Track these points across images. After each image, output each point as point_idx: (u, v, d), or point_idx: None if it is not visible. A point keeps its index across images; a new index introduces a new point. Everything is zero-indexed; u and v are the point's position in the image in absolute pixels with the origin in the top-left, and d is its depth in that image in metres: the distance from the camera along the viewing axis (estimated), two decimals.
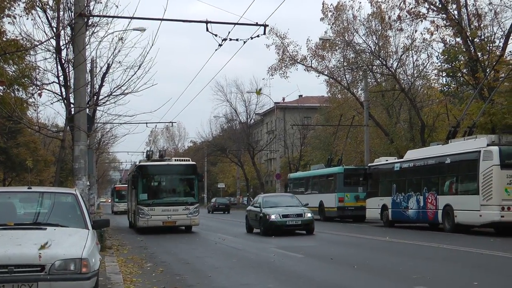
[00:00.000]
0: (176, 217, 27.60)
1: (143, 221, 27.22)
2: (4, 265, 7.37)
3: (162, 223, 27.33)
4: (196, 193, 29.30)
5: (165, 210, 27.42)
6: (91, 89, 23.20)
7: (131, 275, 12.80)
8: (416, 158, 28.62)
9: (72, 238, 8.44)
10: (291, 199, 28.16)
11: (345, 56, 45.31)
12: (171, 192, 29.75)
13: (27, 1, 20.61)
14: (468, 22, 32.96)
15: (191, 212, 27.73)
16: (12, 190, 11.87)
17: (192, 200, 28.43)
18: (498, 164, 22.06)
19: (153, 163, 29.70)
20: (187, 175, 29.42)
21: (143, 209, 27.26)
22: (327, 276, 12.73)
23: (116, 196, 65.08)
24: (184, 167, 29.79)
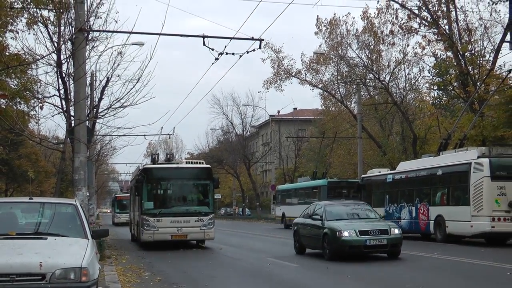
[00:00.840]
0: (187, 229, 22.73)
1: (148, 234, 22.49)
2: (6, 274, 7.36)
3: (170, 237, 22.69)
4: (211, 201, 24.34)
5: (175, 222, 22.65)
6: (91, 102, 23.21)
7: (129, 284, 12.80)
8: (408, 170, 28.66)
9: (72, 247, 8.43)
10: (365, 208, 20.43)
11: (339, 69, 45.45)
12: (182, 200, 24.34)
13: (29, 17, 20.68)
14: (459, 36, 33.13)
15: (205, 224, 22.90)
16: (14, 201, 11.87)
17: (206, 210, 23.54)
18: (488, 175, 22.11)
19: (160, 166, 24.72)
20: (201, 180, 24.37)
21: (148, 220, 22.47)
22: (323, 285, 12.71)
23: (117, 206, 57.87)
24: (197, 171, 24.72)
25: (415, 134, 41.69)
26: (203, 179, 24.15)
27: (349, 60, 44.13)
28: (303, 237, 19.86)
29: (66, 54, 20.06)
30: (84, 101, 17.93)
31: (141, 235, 23.12)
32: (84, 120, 17.69)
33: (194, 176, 24.48)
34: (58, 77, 20.14)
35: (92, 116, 21.90)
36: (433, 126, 43.87)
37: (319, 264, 16.84)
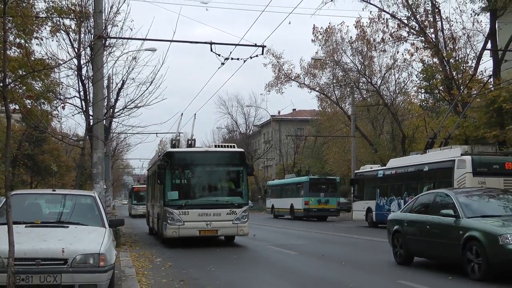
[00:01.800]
0: (218, 224, 18.33)
1: (172, 229, 18.08)
2: (32, 258, 7.41)
3: (198, 233, 18.31)
4: (245, 191, 19.61)
5: (203, 215, 18.25)
6: (107, 102, 23.21)
7: (142, 268, 12.84)
8: (397, 166, 28.68)
9: (91, 235, 8.50)
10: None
11: (334, 74, 45.46)
12: (211, 189, 19.67)
13: (53, 25, 20.71)
14: (444, 44, 33.10)
15: (239, 217, 18.57)
16: (39, 192, 11.91)
17: (239, 201, 19.03)
18: (470, 171, 22.13)
19: (186, 150, 20.30)
20: (233, 166, 19.78)
21: (172, 212, 18.03)
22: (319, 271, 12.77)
23: (135, 198, 51.52)
24: (228, 155, 19.87)
25: (404, 133, 41.67)
26: (236, 164, 19.64)
27: (343, 65, 44.13)
28: (414, 242, 12.91)
29: (85, 59, 20.09)
30: (102, 102, 17.97)
31: (163, 230, 18.55)
32: (102, 119, 17.74)
33: (225, 162, 19.82)
34: (78, 80, 20.17)
35: (109, 115, 21.92)
36: (421, 126, 43.85)
37: None
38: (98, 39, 17.20)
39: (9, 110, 7.49)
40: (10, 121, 7.41)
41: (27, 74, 19.35)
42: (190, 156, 19.54)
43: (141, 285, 10.16)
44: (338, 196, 43.04)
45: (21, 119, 37.14)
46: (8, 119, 7.21)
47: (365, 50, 42.53)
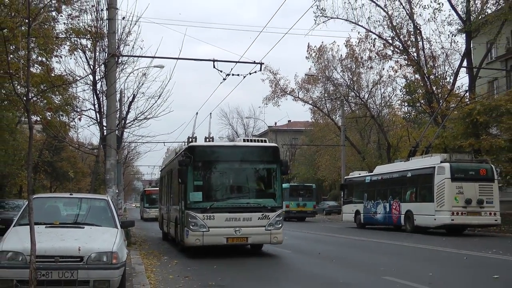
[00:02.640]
0: (248, 230, 14.48)
1: (195, 236, 14.27)
2: (52, 256, 7.42)
3: (225, 240, 14.45)
4: (279, 192, 15.41)
5: (231, 219, 14.48)
6: (120, 114, 23.21)
7: (151, 265, 12.79)
8: (383, 172, 28.73)
9: (104, 235, 8.50)
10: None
11: (326, 88, 45.67)
12: (241, 190, 15.71)
13: (71, 44, 20.78)
14: (425, 62, 33.27)
15: (272, 222, 14.70)
16: (57, 196, 11.92)
17: (272, 204, 15.06)
18: (449, 177, 22.21)
19: (213, 144, 16.59)
20: (265, 163, 15.71)
21: (195, 217, 14.31)
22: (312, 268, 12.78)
23: (147, 201, 46.32)
24: (260, 151, 15.70)
25: (389, 142, 41.82)
26: (268, 161, 15.59)
27: (334, 80, 44.33)
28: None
29: (100, 75, 20.10)
30: (114, 114, 17.95)
31: (184, 237, 14.67)
32: (114, 130, 17.72)
33: (257, 158, 15.74)
34: (93, 94, 20.19)
35: (120, 126, 21.92)
36: (404, 136, 43.96)
37: None
38: (112, 57, 17.23)
39: (31, 122, 7.53)
40: (32, 132, 7.46)
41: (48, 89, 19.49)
42: (216, 151, 15.54)
43: (150, 280, 10.15)
44: (314, 200, 43.92)
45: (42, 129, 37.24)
46: (30, 130, 7.26)
47: (354, 67, 42.77)
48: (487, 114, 26.89)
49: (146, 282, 9.77)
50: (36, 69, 21.96)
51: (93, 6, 19.33)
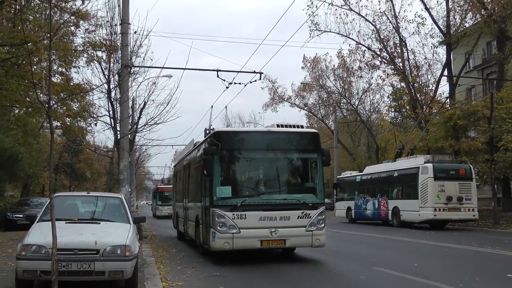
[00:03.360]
0: (286, 231, 11.44)
1: (224, 239, 11.22)
2: (71, 249, 7.45)
3: (259, 243, 11.38)
4: (320, 186, 12.11)
5: (266, 219, 11.39)
6: (132, 120, 23.22)
7: (161, 257, 12.82)
8: (372, 172, 28.74)
9: (118, 230, 8.50)
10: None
11: (320, 96, 45.77)
12: (277, 184, 12.32)
13: (88, 56, 20.84)
14: (409, 71, 33.35)
15: (314, 222, 11.66)
16: (76, 194, 11.96)
17: (313, 200, 11.88)
18: (432, 176, 22.23)
19: (244, 129, 14.63)
20: (305, 153, 12.36)
21: (224, 215, 11.23)
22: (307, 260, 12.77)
23: (159, 198, 42.27)
24: (299, 138, 12.42)
25: (377, 145, 41.85)
26: (308, 150, 12.24)
27: (327, 88, 44.41)
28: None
29: (114, 84, 20.12)
30: (127, 120, 17.98)
31: (210, 240, 11.46)
32: (127, 134, 17.75)
33: (294, 146, 12.28)
34: (108, 101, 20.20)
35: (133, 131, 21.89)
36: (391, 139, 43.97)
37: None
38: (125, 67, 17.28)
39: (52, 127, 7.56)
40: (53, 136, 7.49)
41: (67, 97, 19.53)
42: (247, 138, 12.24)
43: (159, 271, 10.16)
44: None
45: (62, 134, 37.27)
46: (51, 134, 7.30)
47: (345, 76, 42.86)
48: (466, 119, 26.94)
49: (156, 273, 9.79)
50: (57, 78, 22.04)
51: (108, 21, 19.42)
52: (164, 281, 8.97)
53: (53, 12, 19.37)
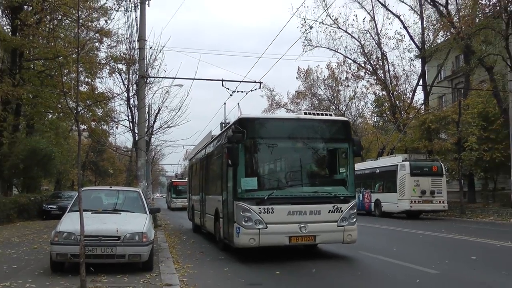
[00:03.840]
0: (316, 226, 9.38)
1: (249, 235, 9.11)
2: (96, 236, 7.54)
3: (288, 240, 9.28)
4: (351, 177, 9.92)
5: (295, 213, 9.28)
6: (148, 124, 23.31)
7: (173, 243, 12.88)
8: (358, 169, 28.46)
9: (137, 219, 8.54)
10: None
11: (312, 102, 45.70)
12: (306, 175, 9.97)
13: (110, 68, 20.95)
14: (390, 81, 33.37)
15: (345, 216, 9.63)
16: (100, 189, 12.00)
17: (345, 193, 9.80)
18: (409, 173, 22.27)
19: (270, 116, 12.13)
20: (336, 142, 10.26)
21: (249, 209, 9.12)
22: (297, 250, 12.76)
23: (174, 192, 39.99)
24: (329, 126, 10.27)
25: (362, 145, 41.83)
26: (339, 139, 10.19)
27: (318, 96, 44.44)
28: None
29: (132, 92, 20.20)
30: (144, 123, 18.04)
31: (234, 236, 9.44)
32: (144, 136, 17.81)
33: (325, 135, 10.22)
34: (127, 107, 20.26)
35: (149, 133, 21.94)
36: (374, 140, 43.99)
37: None
38: (142, 78, 17.36)
39: (80, 130, 7.65)
40: (81, 138, 7.57)
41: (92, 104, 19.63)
42: (275, 126, 10.04)
43: (172, 255, 10.22)
44: None
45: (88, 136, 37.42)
46: (79, 136, 7.37)
47: (334, 85, 42.86)
48: (438, 123, 27.00)
49: (169, 256, 9.85)
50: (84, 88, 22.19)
51: (127, 38, 19.52)
52: (176, 264, 9.04)
53: (81, 30, 19.48)
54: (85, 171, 44.59)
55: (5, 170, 22.63)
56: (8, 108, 21.90)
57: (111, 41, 21.43)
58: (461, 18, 25.07)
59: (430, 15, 30.53)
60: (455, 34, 24.53)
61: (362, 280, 7.74)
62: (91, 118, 21.51)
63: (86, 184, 39.22)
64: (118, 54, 20.58)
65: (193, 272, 8.27)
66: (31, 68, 23.58)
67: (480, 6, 23.50)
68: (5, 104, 21.57)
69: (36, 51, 22.67)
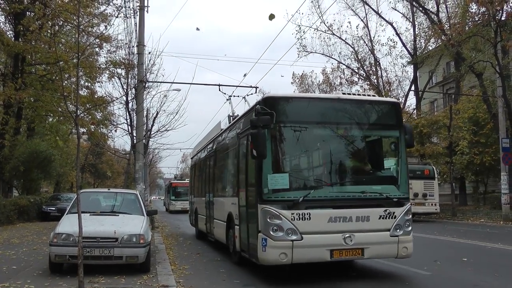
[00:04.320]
0: (365, 237, 6.96)
1: (279, 248, 6.63)
2: (94, 237, 7.50)
3: (329, 255, 6.82)
4: (404, 174, 7.35)
5: (338, 220, 6.86)
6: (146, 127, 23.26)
7: (170, 245, 12.83)
8: None
9: (134, 221, 8.51)
10: None
11: None
12: (348, 171, 7.42)
13: (109, 73, 20.96)
14: (383, 87, 33.46)
15: (399, 223, 7.17)
16: (98, 191, 11.98)
17: (396, 193, 7.29)
18: None
19: (304, 95, 11.37)
20: (384, 129, 7.61)
21: (280, 215, 6.65)
22: None
23: (173, 194, 37.12)
24: (377, 108, 7.58)
25: None
26: (388, 126, 7.69)
27: None
28: None
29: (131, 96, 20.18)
30: (142, 127, 18.00)
31: (259, 249, 6.92)
32: (142, 139, 17.76)
33: (371, 120, 7.67)
34: (126, 111, 20.25)
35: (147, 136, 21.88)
36: None
37: None
38: (140, 82, 17.33)
39: (79, 133, 7.64)
40: (80, 140, 7.54)
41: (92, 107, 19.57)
42: (312, 107, 7.49)
43: (169, 256, 10.18)
44: None
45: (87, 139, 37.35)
46: (78, 139, 7.36)
47: (328, 90, 42.88)
48: (430, 127, 27.09)
49: (166, 258, 9.81)
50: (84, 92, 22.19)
51: (126, 43, 19.56)
52: (172, 265, 8.99)
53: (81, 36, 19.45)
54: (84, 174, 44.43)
55: (6, 172, 22.56)
56: (10, 111, 21.84)
57: (110, 47, 21.47)
58: (451, 25, 25.22)
59: (421, 23, 30.73)
60: (446, 41, 24.64)
61: (357, 281, 7.71)
62: (91, 121, 21.45)
63: (85, 186, 39.08)
64: (118, 59, 20.59)
65: (189, 274, 8.23)
66: (32, 73, 23.56)
67: (470, 14, 23.64)
68: (7, 108, 21.52)
69: (37, 56, 22.65)
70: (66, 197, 24.72)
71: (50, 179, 29.62)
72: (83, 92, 22.10)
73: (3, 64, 23.50)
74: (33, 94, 21.80)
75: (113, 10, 21.78)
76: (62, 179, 35.46)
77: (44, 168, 23.88)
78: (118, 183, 49.68)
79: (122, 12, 20.82)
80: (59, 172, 29.24)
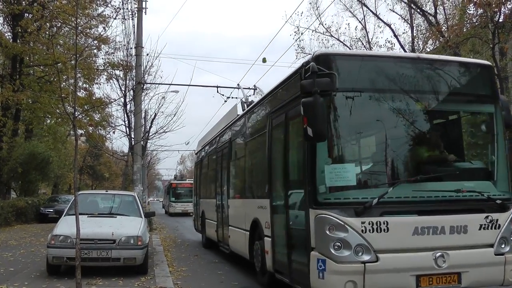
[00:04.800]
0: (461, 256, 4.62)
1: (345, 274, 4.42)
2: (92, 239, 7.50)
3: (415, 282, 4.51)
4: (503, 166, 4.91)
5: (426, 231, 4.55)
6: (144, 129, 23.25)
7: (168, 246, 12.83)
8: None
9: (132, 223, 8.51)
10: None
11: None
12: (435, 161, 4.80)
13: (108, 74, 21.00)
14: None
15: (505, 236, 4.77)
16: (96, 192, 11.98)
17: (497, 192, 4.89)
18: None
19: (373, 53, 6.84)
20: (475, 103, 5.15)
21: (344, 225, 4.47)
22: None
23: (173, 195, 33.84)
24: (465, 73, 5.11)
25: None
26: (481, 99, 5.26)
27: None
28: None
29: (129, 98, 20.20)
30: (140, 128, 18.00)
31: (313, 276, 4.68)
32: (140, 141, 17.77)
33: (461, 89, 5.22)
34: (124, 113, 20.26)
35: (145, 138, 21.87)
36: None
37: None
38: (138, 84, 17.35)
39: (77, 134, 7.60)
40: (78, 142, 7.54)
41: (90, 109, 19.58)
42: (383, 70, 5.06)
43: (167, 258, 10.19)
44: None
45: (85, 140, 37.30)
46: (76, 141, 7.33)
47: None
48: None
49: (164, 259, 9.81)
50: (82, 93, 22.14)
51: (124, 45, 19.60)
52: (170, 267, 9.01)
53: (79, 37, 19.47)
54: (82, 175, 44.36)
55: (4, 174, 22.53)
56: (7, 113, 21.84)
57: (109, 48, 21.47)
58: (449, 27, 25.29)
59: (419, 24, 30.77)
60: (443, 43, 24.73)
61: None
62: (89, 123, 21.43)
63: (83, 188, 39.04)
64: (116, 61, 20.61)
65: (187, 275, 8.24)
66: (31, 74, 23.55)
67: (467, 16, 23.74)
68: (5, 110, 21.51)
69: (36, 58, 22.65)
70: (64, 198, 24.68)
71: (48, 180, 29.58)
72: (81, 94, 22.06)
73: (1, 65, 23.49)
74: (31, 96, 21.78)
75: (111, 11, 21.81)
76: (60, 180, 35.40)
77: (42, 169, 23.86)
78: (116, 185, 49.60)
79: (120, 13, 20.86)
80: (57, 173, 29.20)
